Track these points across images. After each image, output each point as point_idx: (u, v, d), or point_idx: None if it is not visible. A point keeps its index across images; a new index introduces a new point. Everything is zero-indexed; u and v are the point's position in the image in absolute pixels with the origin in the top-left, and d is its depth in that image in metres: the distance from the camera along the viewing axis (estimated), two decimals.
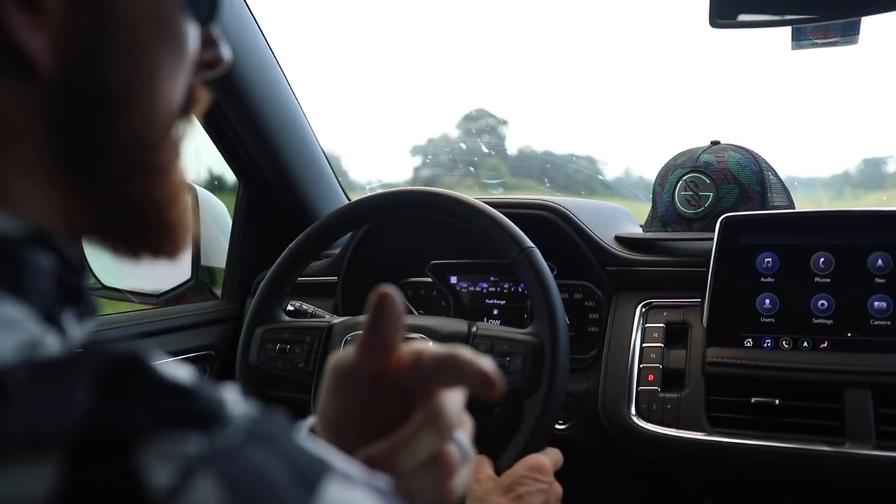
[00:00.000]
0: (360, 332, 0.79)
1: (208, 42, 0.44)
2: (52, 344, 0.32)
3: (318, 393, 1.08)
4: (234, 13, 1.21)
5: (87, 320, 0.39)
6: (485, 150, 1.79)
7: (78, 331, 0.38)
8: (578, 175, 2.05)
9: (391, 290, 0.49)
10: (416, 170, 2.04)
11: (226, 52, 0.46)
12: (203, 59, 0.44)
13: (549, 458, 0.91)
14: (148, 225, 0.42)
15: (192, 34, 0.42)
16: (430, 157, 1.90)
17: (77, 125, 0.37)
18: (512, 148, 2.06)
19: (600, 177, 1.97)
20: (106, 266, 1.49)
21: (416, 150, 2.07)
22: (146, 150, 0.40)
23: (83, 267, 0.39)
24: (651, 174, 1.41)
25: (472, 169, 1.75)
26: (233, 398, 0.32)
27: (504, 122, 2.21)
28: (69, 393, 0.29)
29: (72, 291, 0.37)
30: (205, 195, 1.50)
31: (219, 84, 1.22)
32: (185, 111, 0.43)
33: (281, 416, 0.34)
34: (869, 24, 0.95)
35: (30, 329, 0.32)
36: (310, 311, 1.26)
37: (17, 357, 0.30)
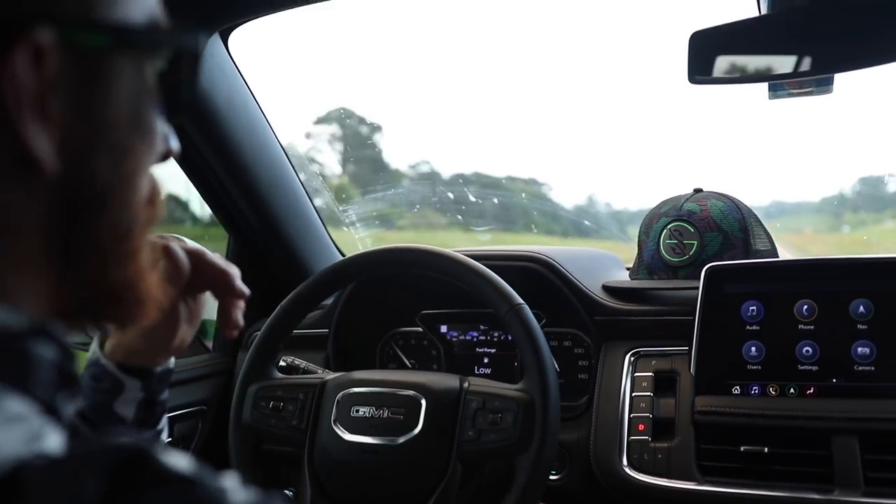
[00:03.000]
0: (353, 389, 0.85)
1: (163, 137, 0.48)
2: (52, 436, 0.33)
3: (312, 450, 1.09)
4: (223, 74, 1.23)
5: (77, 398, 0.41)
6: (472, 198, 1.81)
7: (71, 411, 0.40)
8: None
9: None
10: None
11: (174, 145, 0.49)
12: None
13: None
14: (121, 303, 0.45)
15: (160, 130, 0.46)
16: (417, 206, 1.92)
17: (69, 221, 0.40)
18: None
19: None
20: None
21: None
22: (123, 238, 0.43)
23: (75, 352, 0.41)
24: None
25: (459, 217, 1.77)
26: (233, 486, 0.34)
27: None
28: (79, 490, 0.30)
29: (68, 377, 0.39)
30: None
31: (208, 141, 1.24)
32: (150, 199, 0.46)
33: (280, 501, 0.35)
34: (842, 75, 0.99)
35: (33, 423, 0.34)
36: (302, 366, 1.27)
37: (28, 452, 0.31)
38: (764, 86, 1.05)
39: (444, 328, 1.45)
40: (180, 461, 0.33)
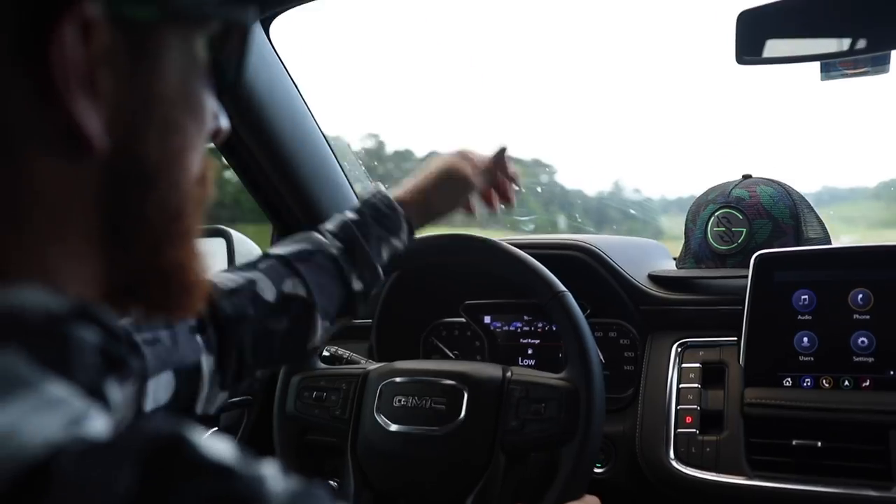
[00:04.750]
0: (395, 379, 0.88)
1: (213, 114, 0.47)
2: (96, 419, 0.33)
3: (355, 440, 1.09)
4: (264, 62, 1.24)
5: (128, 382, 0.40)
6: (515, 187, 1.79)
7: (120, 395, 0.39)
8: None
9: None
10: None
11: (224, 123, 0.48)
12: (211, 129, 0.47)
13: None
14: (171, 287, 0.44)
15: (209, 107, 0.45)
16: None
17: (119, 201, 0.39)
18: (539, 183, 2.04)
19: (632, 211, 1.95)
20: None
21: None
22: (174, 219, 0.42)
23: (123, 334, 0.40)
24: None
25: (502, 206, 1.74)
26: (272, 474, 0.33)
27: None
28: (112, 479, 0.29)
29: (115, 360, 0.39)
30: (239, 238, 1.52)
31: (251, 130, 1.24)
32: (201, 179, 0.45)
33: (322, 491, 0.34)
34: None
35: (74, 406, 0.33)
36: (345, 356, 1.27)
37: (65, 437, 0.31)
38: (816, 66, 1.01)
39: (487, 319, 1.44)
40: (219, 448, 0.32)
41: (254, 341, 0.79)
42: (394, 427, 1.04)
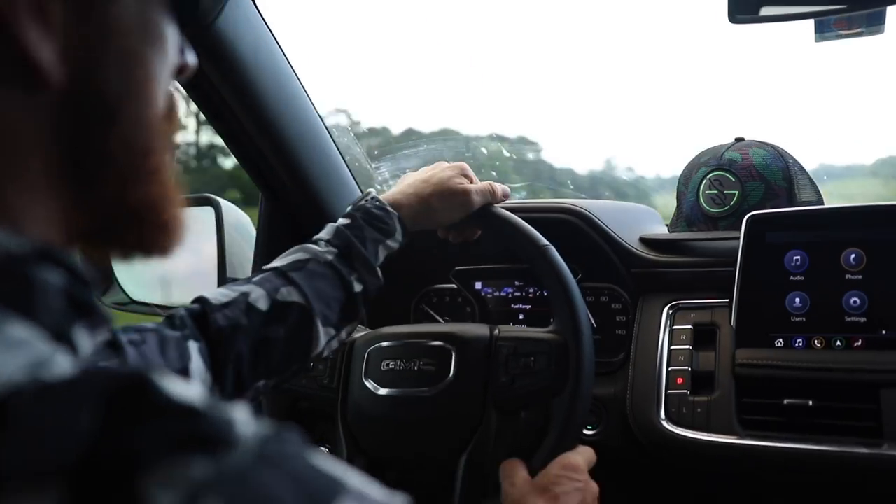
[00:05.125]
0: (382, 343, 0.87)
1: (179, 49, 0.45)
2: (61, 362, 0.31)
3: (345, 407, 1.08)
4: (248, 24, 1.21)
5: (100, 331, 0.39)
6: (506, 154, 1.78)
7: (89, 343, 0.38)
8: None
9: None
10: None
11: (191, 59, 0.47)
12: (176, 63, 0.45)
13: (583, 456, 0.90)
14: (143, 226, 0.43)
15: (173, 40, 0.43)
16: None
17: (79, 135, 0.38)
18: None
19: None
20: (134, 280, 1.50)
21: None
22: (141, 155, 0.41)
23: (91, 279, 0.39)
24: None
25: (493, 174, 1.74)
26: (243, 418, 0.32)
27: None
28: (73, 418, 0.28)
29: (82, 305, 0.37)
30: (229, 208, 1.50)
31: (235, 93, 1.22)
32: (168, 115, 0.44)
33: (294, 435, 0.33)
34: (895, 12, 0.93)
35: (38, 348, 0.32)
36: None
37: (24, 377, 0.30)
38: (810, 31, 1.00)
39: (478, 284, 1.43)
40: (186, 390, 0.31)
41: (251, 352, 0.79)
42: (383, 391, 1.03)
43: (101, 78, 0.38)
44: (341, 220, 0.94)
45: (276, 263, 0.88)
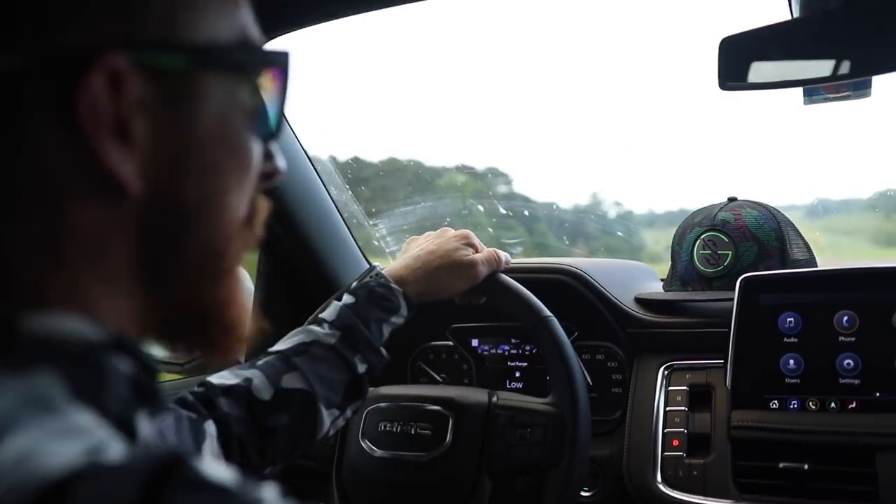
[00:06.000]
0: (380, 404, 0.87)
1: (267, 155, 0.47)
2: (115, 448, 0.33)
3: (340, 465, 1.08)
4: None
5: (161, 417, 0.41)
6: (502, 210, 1.79)
7: (150, 428, 0.40)
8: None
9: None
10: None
11: (281, 164, 0.48)
12: (263, 170, 0.47)
13: None
14: (209, 326, 0.45)
15: (256, 151, 0.45)
16: (448, 219, 1.88)
17: (157, 240, 0.40)
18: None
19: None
20: None
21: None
22: (214, 258, 0.43)
23: (157, 369, 0.41)
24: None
25: (490, 230, 1.75)
26: (271, 497, 0.33)
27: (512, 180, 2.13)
28: (122, 494, 0.30)
29: (147, 393, 0.40)
30: None
31: None
32: (248, 220, 0.46)
33: None
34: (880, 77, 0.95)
35: (96, 435, 0.34)
36: None
37: (83, 463, 0.32)
38: (798, 91, 1.02)
39: (475, 342, 1.43)
40: (218, 470, 0.33)
41: (256, 440, 0.81)
42: (379, 452, 1.03)
43: (179, 189, 0.40)
44: (345, 299, 0.93)
45: (279, 347, 0.89)
